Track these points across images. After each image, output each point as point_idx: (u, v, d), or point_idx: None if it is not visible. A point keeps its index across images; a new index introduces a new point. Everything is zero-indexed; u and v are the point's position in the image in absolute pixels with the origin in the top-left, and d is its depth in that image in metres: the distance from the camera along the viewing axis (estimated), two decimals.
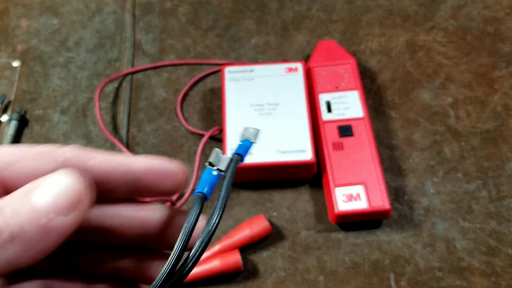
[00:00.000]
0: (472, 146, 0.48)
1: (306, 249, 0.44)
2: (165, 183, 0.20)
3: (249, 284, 0.43)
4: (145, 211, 0.20)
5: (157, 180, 0.19)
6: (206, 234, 0.18)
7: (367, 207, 0.42)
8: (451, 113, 0.50)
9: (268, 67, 0.50)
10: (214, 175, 0.20)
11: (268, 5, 0.59)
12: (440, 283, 0.42)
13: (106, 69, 0.56)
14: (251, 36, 0.57)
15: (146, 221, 0.20)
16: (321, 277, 0.43)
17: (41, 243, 0.16)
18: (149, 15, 0.59)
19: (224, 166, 0.21)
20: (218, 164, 0.21)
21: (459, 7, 0.57)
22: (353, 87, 0.49)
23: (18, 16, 0.60)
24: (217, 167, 0.21)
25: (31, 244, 0.16)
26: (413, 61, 0.54)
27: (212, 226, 0.18)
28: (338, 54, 0.51)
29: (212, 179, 0.20)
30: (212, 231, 0.18)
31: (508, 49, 0.54)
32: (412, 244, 0.44)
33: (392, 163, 0.48)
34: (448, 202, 0.45)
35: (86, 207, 0.17)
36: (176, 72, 0.55)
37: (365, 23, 0.57)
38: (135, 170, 0.19)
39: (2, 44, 0.58)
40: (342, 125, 0.46)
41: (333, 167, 0.44)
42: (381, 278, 0.42)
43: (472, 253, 0.43)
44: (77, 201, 0.16)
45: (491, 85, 0.52)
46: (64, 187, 0.16)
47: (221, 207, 0.19)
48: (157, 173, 0.19)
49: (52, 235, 0.16)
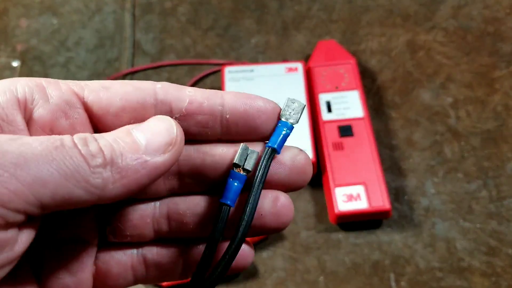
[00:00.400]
0: (472, 146, 0.48)
1: (306, 249, 0.44)
2: (255, 119, 0.20)
3: (249, 284, 0.43)
4: (234, 148, 0.20)
5: (247, 116, 0.20)
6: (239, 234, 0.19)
7: (367, 207, 0.42)
8: (452, 113, 0.50)
9: (268, 67, 0.50)
10: (239, 179, 0.19)
11: (268, 5, 0.59)
12: (440, 283, 0.42)
13: (106, 69, 0.55)
14: (251, 36, 0.57)
15: (233, 159, 0.20)
16: (321, 277, 0.43)
17: (136, 175, 0.17)
18: (149, 15, 0.59)
19: (251, 166, 0.19)
20: (245, 164, 0.20)
21: (459, 7, 0.57)
22: (353, 87, 0.49)
23: (17, 16, 0.60)
24: (243, 167, 0.20)
25: (127, 172, 0.17)
26: (413, 61, 0.54)
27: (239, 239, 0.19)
28: (338, 54, 0.51)
29: (238, 184, 0.20)
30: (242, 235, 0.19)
31: (508, 49, 0.54)
32: (412, 244, 0.44)
33: (392, 163, 0.48)
34: (448, 202, 0.45)
35: (179, 150, 0.18)
36: (176, 72, 0.55)
37: (365, 23, 0.57)
38: (225, 103, 0.20)
39: (2, 44, 0.58)
40: (342, 125, 0.46)
41: (333, 167, 0.44)
42: (381, 278, 0.42)
43: (473, 253, 0.43)
44: (171, 142, 0.18)
45: (492, 85, 0.52)
46: (161, 129, 0.18)
47: (248, 220, 0.19)
48: (246, 109, 0.20)
49: (147, 170, 0.17)
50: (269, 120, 0.20)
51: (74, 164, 0.16)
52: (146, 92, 0.19)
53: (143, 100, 0.19)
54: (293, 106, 0.20)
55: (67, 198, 0.16)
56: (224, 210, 0.19)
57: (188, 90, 0.20)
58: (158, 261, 0.21)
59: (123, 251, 0.21)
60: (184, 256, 0.21)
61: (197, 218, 0.21)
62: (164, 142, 0.18)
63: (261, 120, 0.20)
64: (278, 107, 0.20)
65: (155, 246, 0.21)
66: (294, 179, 0.20)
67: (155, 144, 0.17)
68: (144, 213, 0.21)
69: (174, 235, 0.21)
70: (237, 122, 0.20)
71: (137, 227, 0.21)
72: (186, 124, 0.20)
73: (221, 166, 0.20)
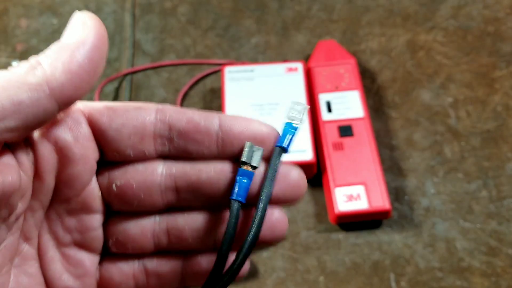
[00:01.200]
0: (472, 146, 0.48)
1: (306, 249, 0.44)
2: (250, 141, 0.21)
3: (249, 284, 0.43)
4: (230, 165, 0.21)
5: (243, 137, 0.21)
6: (251, 237, 0.19)
7: (367, 207, 0.42)
8: (452, 113, 0.50)
9: (268, 67, 0.50)
10: (248, 175, 0.20)
11: (268, 5, 0.59)
12: (440, 283, 0.42)
13: (105, 69, 0.55)
14: (251, 36, 0.57)
15: (228, 176, 0.21)
16: (321, 277, 0.43)
17: (70, 53, 0.18)
18: (149, 15, 0.59)
19: (258, 163, 0.20)
20: (251, 161, 0.20)
21: (459, 7, 0.57)
22: (353, 87, 0.49)
23: (17, 16, 0.60)
24: (251, 164, 0.20)
25: (60, 55, 0.18)
26: (413, 61, 0.54)
27: (250, 242, 0.19)
28: (338, 54, 0.51)
29: (246, 180, 0.20)
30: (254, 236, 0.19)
31: (508, 49, 0.54)
32: (413, 244, 0.44)
33: (392, 163, 0.48)
34: (448, 202, 0.45)
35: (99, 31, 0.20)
36: (176, 72, 0.55)
37: (365, 23, 0.57)
38: (222, 124, 0.21)
39: (2, 44, 0.58)
40: (342, 125, 0.46)
41: (333, 167, 0.44)
42: (381, 278, 0.42)
43: (473, 253, 0.43)
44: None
45: (492, 85, 0.52)
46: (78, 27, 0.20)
47: (258, 223, 0.19)
48: (241, 130, 0.21)
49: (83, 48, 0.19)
50: (264, 142, 0.21)
51: (11, 73, 0.17)
52: (147, 112, 0.21)
53: (143, 119, 0.20)
54: (297, 108, 0.21)
55: (19, 106, 0.17)
56: (236, 206, 0.20)
57: (187, 111, 0.21)
58: (159, 270, 0.22)
59: (125, 261, 0.22)
60: (184, 266, 0.22)
61: (196, 233, 0.21)
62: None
63: (256, 142, 0.21)
64: (274, 131, 0.21)
65: (156, 257, 0.22)
66: (288, 194, 0.21)
67: None
68: (145, 227, 0.22)
69: (173, 248, 0.22)
70: (233, 142, 0.21)
71: (138, 241, 0.22)
72: (184, 143, 0.21)
73: (216, 182, 0.21)
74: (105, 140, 0.20)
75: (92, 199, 0.21)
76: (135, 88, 0.54)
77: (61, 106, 0.18)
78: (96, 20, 0.20)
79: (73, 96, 0.18)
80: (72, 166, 0.20)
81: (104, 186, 0.21)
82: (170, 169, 0.21)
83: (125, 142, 0.20)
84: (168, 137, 0.21)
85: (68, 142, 0.20)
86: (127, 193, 0.21)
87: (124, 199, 0.21)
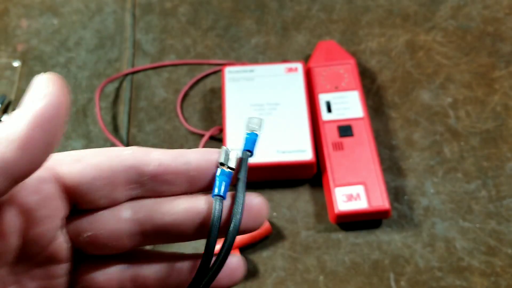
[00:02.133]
0: (472, 146, 0.48)
1: (306, 249, 0.44)
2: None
3: (249, 284, 0.43)
4: (199, 201, 0.21)
5: (211, 171, 0.21)
6: (230, 237, 0.20)
7: (367, 207, 0.42)
8: (451, 113, 0.50)
9: (268, 67, 0.50)
10: (227, 175, 0.21)
11: (268, 5, 0.59)
12: (440, 283, 0.42)
13: (106, 69, 0.56)
14: (251, 36, 0.57)
15: (199, 212, 0.21)
16: (321, 277, 0.43)
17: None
18: (149, 15, 0.59)
19: (234, 164, 0.22)
20: (228, 162, 0.21)
21: (459, 7, 0.58)
22: (353, 87, 0.49)
23: (18, 16, 0.60)
24: (228, 165, 0.21)
25: None
26: (413, 61, 0.54)
27: (233, 231, 0.20)
28: (338, 54, 0.51)
29: (226, 179, 0.21)
30: (233, 235, 0.20)
31: (508, 49, 0.54)
32: (412, 244, 0.44)
33: (392, 163, 0.48)
34: (448, 202, 0.45)
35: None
36: (176, 72, 0.55)
37: (365, 23, 0.57)
38: (191, 161, 0.21)
39: (2, 44, 0.58)
40: (342, 125, 0.46)
41: (333, 167, 0.44)
42: (381, 278, 0.42)
43: (472, 253, 0.43)
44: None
45: (491, 85, 0.52)
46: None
47: (241, 212, 0.21)
48: (211, 165, 0.21)
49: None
50: None
51: None
52: (115, 161, 0.20)
53: (115, 168, 0.20)
54: (254, 121, 0.23)
55: None
56: (218, 202, 0.21)
57: (155, 153, 0.21)
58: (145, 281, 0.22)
59: None
60: (168, 273, 0.23)
61: (158, 282, 0.22)
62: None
63: None
64: (213, 165, 0.22)
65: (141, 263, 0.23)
66: (248, 222, 0.21)
67: None
68: (112, 276, 0.22)
69: None
70: (200, 178, 0.21)
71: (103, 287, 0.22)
72: (154, 184, 0.21)
73: (184, 223, 0.21)
74: (75, 194, 0.20)
75: (59, 251, 0.21)
76: (136, 88, 0.54)
77: (13, 183, 0.17)
78: (53, 87, 0.18)
79: (26, 172, 0.17)
80: (37, 226, 0.19)
81: (74, 235, 0.21)
82: (137, 214, 0.21)
83: (98, 193, 0.20)
84: (140, 181, 0.21)
85: (32, 205, 0.19)
86: (96, 241, 0.21)
87: (93, 246, 0.21)
